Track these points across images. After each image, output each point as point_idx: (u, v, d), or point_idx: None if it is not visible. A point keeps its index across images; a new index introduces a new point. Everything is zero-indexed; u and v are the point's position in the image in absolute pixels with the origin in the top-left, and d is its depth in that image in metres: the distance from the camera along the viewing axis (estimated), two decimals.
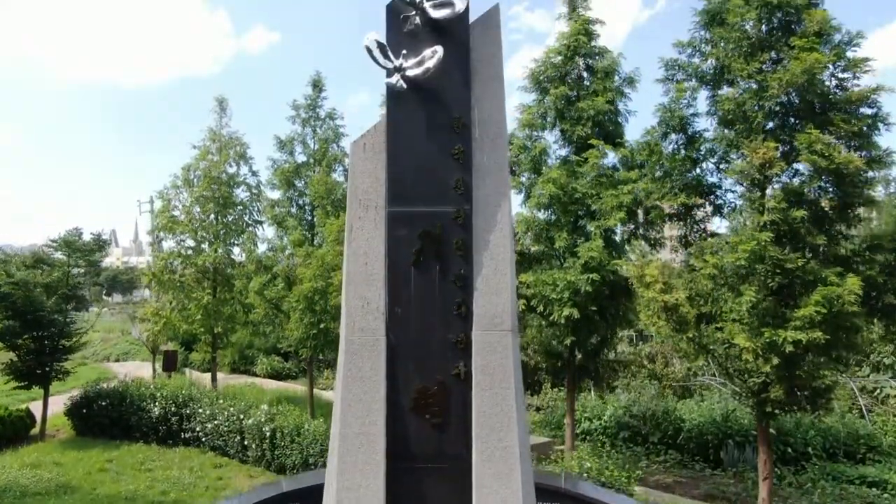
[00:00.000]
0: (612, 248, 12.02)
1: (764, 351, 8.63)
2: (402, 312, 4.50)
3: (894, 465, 14.94)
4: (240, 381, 27.22)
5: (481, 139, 4.66)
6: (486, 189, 4.62)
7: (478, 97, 4.69)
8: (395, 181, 4.56)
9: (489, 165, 4.64)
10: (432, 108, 4.59)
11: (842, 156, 8.23)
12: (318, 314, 14.17)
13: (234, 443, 16.79)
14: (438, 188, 4.55)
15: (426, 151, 4.56)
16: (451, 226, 4.55)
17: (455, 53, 4.60)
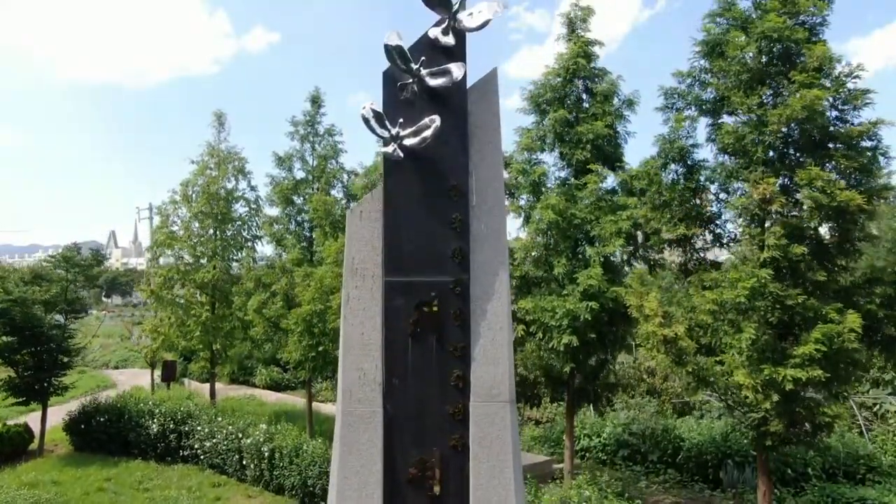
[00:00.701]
0: (612, 274, 12.00)
1: (763, 387, 8.60)
2: (400, 384, 4.46)
3: (894, 485, 14.90)
4: (239, 393, 27.19)
5: (479, 206, 4.62)
6: (483, 257, 4.58)
7: (475, 163, 4.65)
8: (392, 251, 4.52)
9: (487, 233, 4.61)
10: (429, 176, 4.54)
11: (843, 193, 8.19)
12: (317, 336, 14.13)
13: (233, 461, 16.75)
14: (435, 258, 4.51)
15: (423, 220, 4.52)
16: (449, 295, 4.51)
17: (453, 120, 4.55)
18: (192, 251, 18.88)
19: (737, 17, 9.71)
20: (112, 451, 19.27)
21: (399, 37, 4.53)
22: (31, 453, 19.96)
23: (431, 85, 4.49)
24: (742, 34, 9.83)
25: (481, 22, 4.50)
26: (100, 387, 33.63)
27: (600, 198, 12.17)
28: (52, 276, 19.61)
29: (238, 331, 18.95)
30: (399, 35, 4.53)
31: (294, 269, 16.19)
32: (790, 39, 8.79)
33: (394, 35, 4.52)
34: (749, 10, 10.12)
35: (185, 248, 18.87)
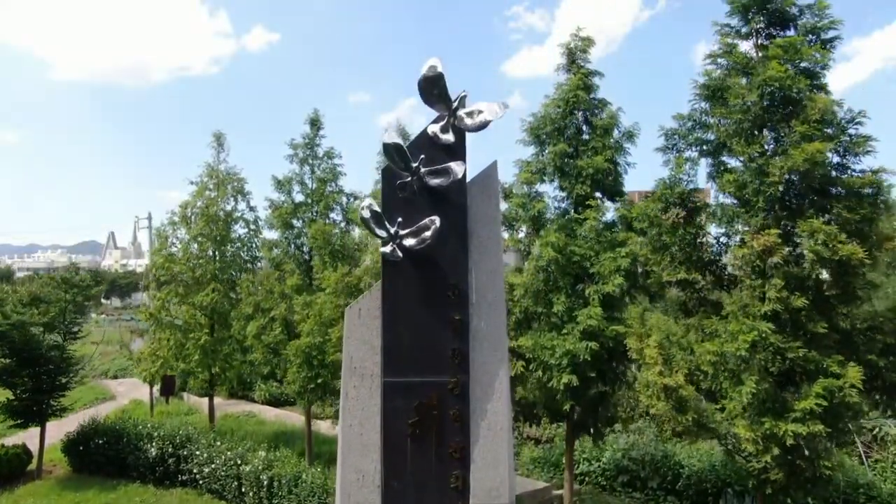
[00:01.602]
0: (612, 310, 11.95)
1: (764, 440, 8.57)
2: (398, 486, 4.42)
3: None
4: (238, 409, 27.12)
5: (479, 304, 4.58)
6: (483, 357, 4.54)
7: (475, 260, 4.61)
8: (391, 351, 4.48)
9: (486, 331, 4.57)
10: (428, 275, 4.50)
11: (845, 248, 8.15)
12: (316, 368, 14.10)
13: (232, 488, 16.71)
14: (435, 358, 4.47)
15: (422, 320, 4.48)
16: (448, 396, 4.47)
17: (453, 219, 4.51)
18: (192, 274, 18.82)
19: (738, 62, 9.66)
20: (110, 474, 19.22)
21: (398, 134, 4.49)
22: (30, 474, 19.91)
23: (432, 184, 4.44)
24: (743, 78, 9.81)
25: (481, 122, 4.45)
26: (98, 399, 33.60)
27: (600, 233, 12.13)
28: (50, 297, 19.54)
29: (237, 353, 18.91)
30: (398, 132, 4.48)
31: (293, 296, 16.13)
32: (792, 88, 8.75)
33: (392, 133, 4.47)
34: (750, 51, 10.09)
35: (184, 271, 18.81)
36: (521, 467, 19.59)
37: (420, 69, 4.13)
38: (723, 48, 10.09)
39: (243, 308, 17.01)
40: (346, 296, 13.89)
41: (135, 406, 28.40)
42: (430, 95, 4.46)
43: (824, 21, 9.31)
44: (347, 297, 13.91)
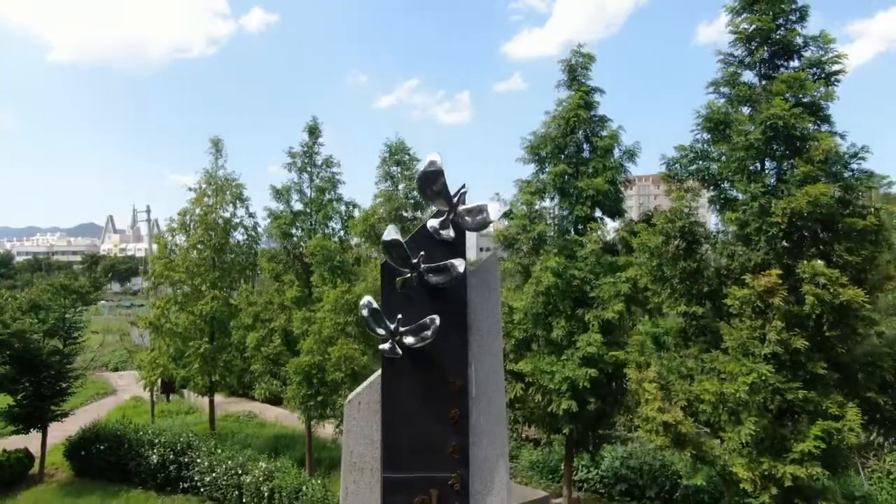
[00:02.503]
0: (611, 334, 11.97)
1: (762, 480, 8.62)
2: None
3: None
4: (238, 409, 27.25)
5: (478, 398, 4.56)
6: (483, 452, 4.54)
7: (475, 354, 4.58)
8: (391, 446, 4.48)
9: (486, 426, 4.56)
10: (428, 371, 4.48)
11: (846, 292, 8.13)
12: (316, 386, 14.15)
13: (233, 497, 16.82)
14: (435, 454, 4.46)
15: (422, 417, 4.47)
16: (448, 491, 4.47)
17: (453, 316, 4.48)
18: (191, 282, 18.81)
19: (741, 94, 9.57)
20: (112, 479, 19.33)
21: (397, 231, 4.44)
22: (32, 478, 20.03)
23: (432, 282, 4.41)
24: (746, 108, 9.73)
25: (482, 222, 4.41)
26: (100, 394, 33.75)
27: (599, 256, 12.10)
28: (50, 303, 19.55)
29: (237, 361, 18.95)
30: (397, 229, 4.44)
31: (293, 308, 16.13)
32: (795, 127, 8.67)
33: (392, 230, 4.43)
34: (753, 80, 9.99)
35: (183, 279, 18.79)
36: (519, 473, 19.74)
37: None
38: (725, 77, 9.99)
39: (243, 318, 17.01)
40: (346, 313, 13.89)
41: (135, 404, 28.51)
42: (430, 191, 4.40)
43: (829, 55, 9.19)
44: (347, 314, 13.92)
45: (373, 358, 13.51)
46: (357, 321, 13.87)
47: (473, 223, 4.41)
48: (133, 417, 26.49)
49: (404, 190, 15.01)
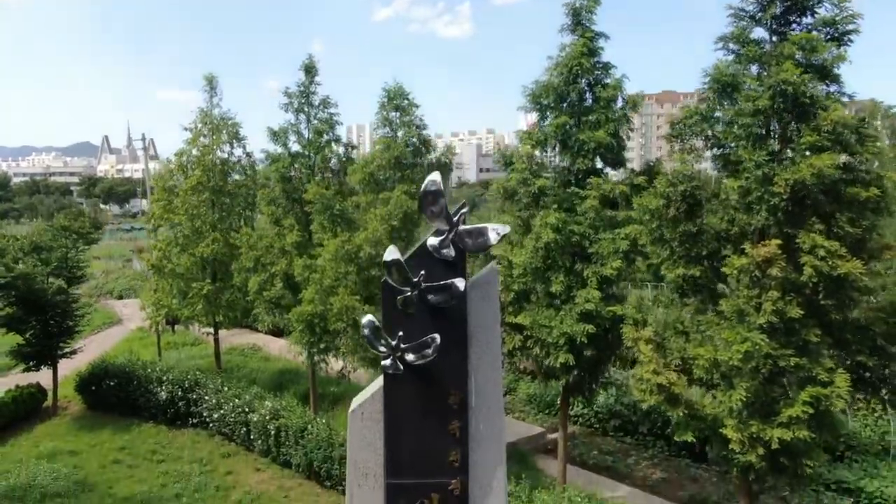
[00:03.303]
0: (609, 289, 12.10)
1: (750, 441, 8.96)
2: None
3: (870, 466, 15.67)
4: (242, 341, 27.82)
5: (478, 407, 4.70)
6: (482, 458, 4.72)
7: (475, 365, 4.69)
8: (393, 455, 4.66)
9: (486, 433, 4.72)
10: (429, 385, 4.60)
11: (844, 265, 8.18)
12: (319, 334, 14.42)
13: (241, 433, 17.45)
14: (436, 462, 4.65)
15: (423, 428, 4.63)
16: (448, 496, 4.69)
17: (453, 333, 4.55)
18: (191, 224, 18.82)
19: (750, 55, 9.29)
20: (123, 413, 20.01)
21: (397, 251, 4.45)
22: (46, 412, 20.73)
23: (433, 301, 4.45)
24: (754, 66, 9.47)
25: (482, 245, 4.41)
26: (105, 324, 34.37)
27: (599, 211, 12.07)
28: (51, 244, 19.65)
29: (240, 301, 19.23)
30: (397, 249, 4.44)
31: (293, 252, 16.21)
32: (806, 95, 8.47)
33: (392, 250, 4.44)
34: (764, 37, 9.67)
35: (183, 220, 18.80)
36: (516, 408, 20.41)
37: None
38: (735, 33, 9.66)
39: (244, 262, 17.12)
40: (346, 263, 13.99)
41: (141, 336, 29.01)
42: (430, 211, 4.39)
43: (844, 14, 8.86)
44: (347, 264, 14.02)
45: (374, 309, 13.68)
46: (357, 271, 14.00)
47: (473, 245, 4.42)
48: (139, 350, 27.15)
49: (403, 136, 14.78)
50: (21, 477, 15.75)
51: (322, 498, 14.92)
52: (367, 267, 13.98)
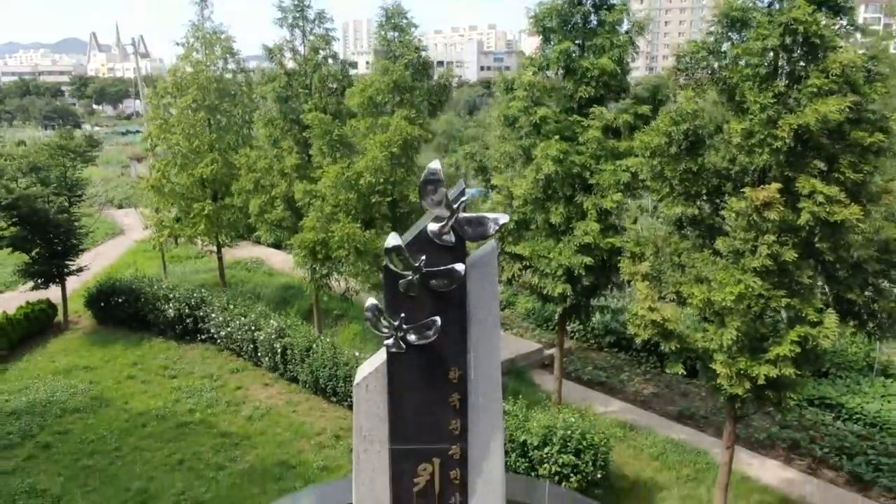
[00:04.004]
0: (608, 220, 12.19)
1: (738, 376, 9.35)
2: None
3: (853, 382, 16.34)
4: (245, 255, 28.13)
5: (477, 380, 4.93)
6: (480, 427, 5.00)
7: (475, 342, 4.87)
8: (397, 424, 4.93)
9: (484, 404, 4.98)
10: (430, 362, 4.80)
11: (843, 212, 8.22)
12: (321, 261, 14.62)
13: (248, 349, 18.06)
14: (437, 430, 4.94)
15: (425, 401, 4.87)
16: (449, 460, 5.00)
17: (453, 314, 4.71)
18: (188, 143, 18.61)
19: None
20: (133, 328, 20.62)
21: (398, 238, 4.52)
22: (57, 326, 21.35)
23: (434, 286, 4.58)
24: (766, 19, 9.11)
25: (481, 234, 4.47)
26: (108, 235, 34.63)
27: (602, 141, 11.96)
28: (49, 163, 19.53)
29: (241, 221, 19.36)
30: (398, 237, 4.52)
31: (293, 175, 16.18)
32: (817, 35, 8.20)
33: (393, 237, 4.51)
34: None
35: (180, 141, 18.59)
36: (515, 323, 20.99)
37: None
38: None
39: (243, 183, 17.10)
40: (347, 190, 13.98)
41: (144, 249, 29.26)
42: (431, 199, 4.42)
43: None
44: (348, 191, 14.01)
45: (375, 235, 13.83)
46: (358, 197, 14.01)
47: (473, 233, 4.49)
48: (143, 263, 27.55)
49: (402, 60, 14.36)
50: (40, 392, 16.49)
51: (328, 413, 15.67)
52: (368, 194, 13.99)
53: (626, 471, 13.41)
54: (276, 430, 14.88)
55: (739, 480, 12.79)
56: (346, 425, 15.04)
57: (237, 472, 13.21)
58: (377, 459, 5.05)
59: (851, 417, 15.04)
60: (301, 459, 13.74)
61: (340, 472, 13.28)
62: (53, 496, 12.50)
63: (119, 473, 13.24)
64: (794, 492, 12.67)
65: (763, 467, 13.46)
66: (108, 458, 13.75)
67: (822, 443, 13.94)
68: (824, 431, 14.47)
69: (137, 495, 12.49)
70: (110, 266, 28.39)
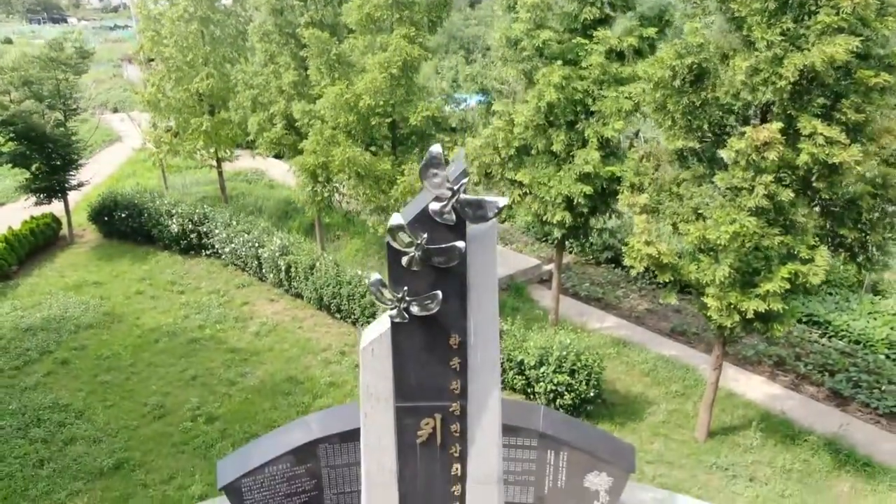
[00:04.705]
0: (609, 148, 12.17)
1: (728, 309, 9.71)
2: (410, 473, 5.58)
3: (842, 299, 16.82)
4: (246, 165, 27.97)
5: (476, 344, 5.21)
6: (479, 385, 5.33)
7: (474, 309, 5.10)
8: (401, 384, 5.26)
9: (482, 365, 5.28)
10: (432, 331, 5.06)
11: (841, 154, 8.25)
12: (322, 183, 14.65)
13: (253, 265, 18.45)
14: (438, 390, 5.27)
15: (427, 365, 5.17)
16: (450, 417, 5.38)
17: (454, 286, 4.91)
18: (182, 55, 18.14)
19: None
20: (138, 242, 20.95)
21: (400, 217, 4.65)
22: (64, 239, 21.68)
23: (435, 261, 4.76)
24: None
25: (481, 217, 4.59)
26: (105, 141, 34.32)
27: (606, 66, 11.73)
28: (41, 77, 19.13)
29: (240, 136, 19.22)
30: (400, 216, 4.64)
31: (291, 92, 15.94)
32: None
33: (396, 216, 4.64)
34: None
35: (173, 53, 18.11)
36: (515, 237, 21.28)
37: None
38: None
39: (241, 100, 16.86)
40: (346, 112, 13.82)
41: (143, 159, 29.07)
42: (432, 182, 4.52)
43: None
44: (347, 113, 13.85)
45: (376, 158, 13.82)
46: (358, 119, 13.87)
47: (473, 216, 4.63)
48: (143, 174, 27.48)
49: None
50: (53, 309, 17.00)
51: (333, 329, 16.24)
52: (368, 116, 13.83)
53: (617, 386, 14.10)
54: (284, 346, 15.49)
55: (725, 396, 13.50)
56: (350, 341, 15.65)
57: (248, 388, 13.90)
58: (383, 415, 5.41)
59: (837, 335, 15.62)
60: (309, 375, 14.41)
61: (346, 388, 13.98)
62: (76, 410, 13.22)
63: (136, 389, 13.93)
64: (775, 406, 13.39)
65: (749, 383, 14.15)
66: (124, 374, 14.43)
67: (806, 360, 14.56)
68: (810, 349, 15.08)
69: (155, 410, 13.21)
70: (110, 177, 28.38)
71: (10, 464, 11.75)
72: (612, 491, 9.76)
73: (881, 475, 11.66)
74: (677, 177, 10.75)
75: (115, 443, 12.34)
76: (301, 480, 9.80)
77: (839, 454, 12.06)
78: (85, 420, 12.98)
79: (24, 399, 13.52)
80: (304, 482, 9.85)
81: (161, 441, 12.44)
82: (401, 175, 13.70)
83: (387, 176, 14.04)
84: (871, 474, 11.69)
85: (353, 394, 13.75)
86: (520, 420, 9.91)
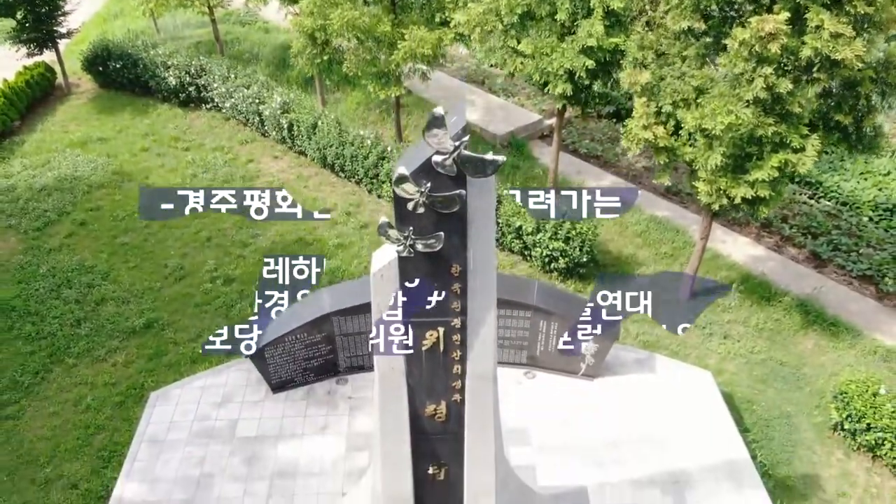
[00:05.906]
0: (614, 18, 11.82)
1: (717, 193, 10.13)
2: (416, 372, 6.40)
3: (837, 159, 17.08)
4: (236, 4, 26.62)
5: (475, 270, 5.75)
6: (478, 304, 5.95)
7: (473, 241, 5.58)
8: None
9: (480, 287, 5.87)
10: (435, 262, 5.58)
11: (844, 50, 8.20)
12: (320, 45, 14.28)
13: (255, 121, 18.54)
14: (442, 309, 5.90)
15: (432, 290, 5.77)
16: (452, 329, 6.08)
17: (455, 226, 5.35)
18: None
19: None
20: (137, 93, 20.76)
21: (405, 168, 4.98)
22: (60, 89, 21.42)
23: (438, 207, 5.17)
24: None
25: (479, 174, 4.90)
26: None
27: None
28: None
29: None
30: (405, 168, 4.96)
31: None
32: None
33: (401, 168, 4.96)
34: None
35: None
36: (516, 91, 20.99)
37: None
38: None
39: None
40: None
41: None
42: (433, 140, 4.80)
43: None
44: None
45: (376, 19, 13.37)
46: None
47: (472, 173, 4.96)
48: (130, 13, 26.12)
49: None
50: (63, 168, 17.36)
51: (338, 188, 16.73)
52: None
53: (610, 247, 14.90)
54: None
55: (710, 258, 14.32)
56: (354, 201, 16.22)
57: (260, 249, 14.71)
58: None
59: (826, 196, 16.11)
60: (317, 236, 15.16)
61: (353, 249, 14.78)
62: (101, 272, 14.13)
63: (155, 250, 14.75)
64: (757, 268, 14.27)
65: (735, 245, 14.93)
66: (141, 235, 15.17)
67: (792, 222, 15.20)
68: (798, 210, 15.66)
69: (175, 271, 14.12)
70: (96, 15, 27.22)
71: (51, 323, 12.86)
72: (597, 354, 10.91)
73: (844, 334, 12.80)
74: (682, 50, 10.64)
75: (142, 303, 13.38)
76: (318, 346, 10.92)
77: (809, 314, 13.12)
78: (111, 281, 13.93)
79: (51, 261, 14.37)
80: (321, 347, 10.98)
81: (184, 301, 13.47)
82: (401, 38, 13.39)
83: (387, 38, 13.72)
84: (836, 333, 12.82)
85: (360, 255, 14.59)
86: (516, 295, 10.82)
